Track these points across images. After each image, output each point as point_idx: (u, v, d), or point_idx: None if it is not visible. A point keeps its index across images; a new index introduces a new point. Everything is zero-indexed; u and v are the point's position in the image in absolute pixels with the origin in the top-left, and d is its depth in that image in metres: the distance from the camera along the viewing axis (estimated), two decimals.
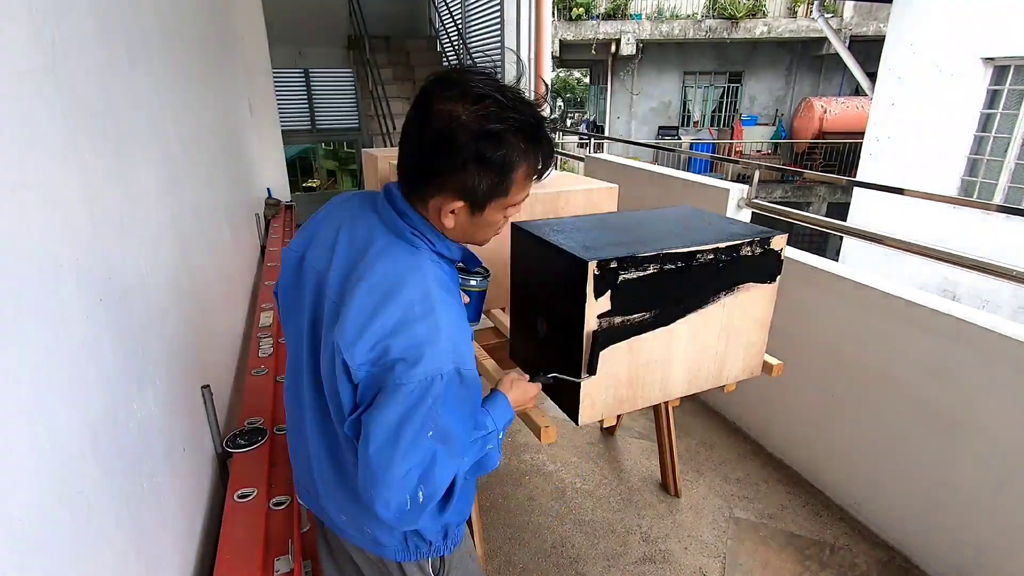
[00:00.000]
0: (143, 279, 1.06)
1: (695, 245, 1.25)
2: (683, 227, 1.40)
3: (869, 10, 11.55)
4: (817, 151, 12.51)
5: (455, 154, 0.76)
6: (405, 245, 0.83)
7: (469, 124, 0.75)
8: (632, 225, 1.40)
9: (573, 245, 1.21)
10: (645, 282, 1.21)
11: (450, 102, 0.76)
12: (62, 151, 0.77)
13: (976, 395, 1.71)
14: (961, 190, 5.98)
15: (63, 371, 0.70)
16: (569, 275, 1.18)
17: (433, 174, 0.79)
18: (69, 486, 0.68)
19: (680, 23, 12.72)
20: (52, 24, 0.78)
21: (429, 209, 0.83)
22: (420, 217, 0.84)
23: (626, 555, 2.00)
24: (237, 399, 1.74)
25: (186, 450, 1.19)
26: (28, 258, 0.65)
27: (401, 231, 0.83)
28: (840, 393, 2.15)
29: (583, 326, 1.17)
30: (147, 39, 1.35)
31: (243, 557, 1.05)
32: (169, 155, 1.41)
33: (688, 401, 2.90)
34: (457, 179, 0.78)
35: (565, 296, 1.21)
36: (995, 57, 5.53)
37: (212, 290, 1.72)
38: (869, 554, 1.99)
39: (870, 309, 1.99)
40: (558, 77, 17.34)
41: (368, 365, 0.75)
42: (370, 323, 0.75)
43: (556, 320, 1.27)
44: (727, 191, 2.66)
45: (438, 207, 0.82)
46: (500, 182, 0.80)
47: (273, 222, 3.74)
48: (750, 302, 1.40)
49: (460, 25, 7.05)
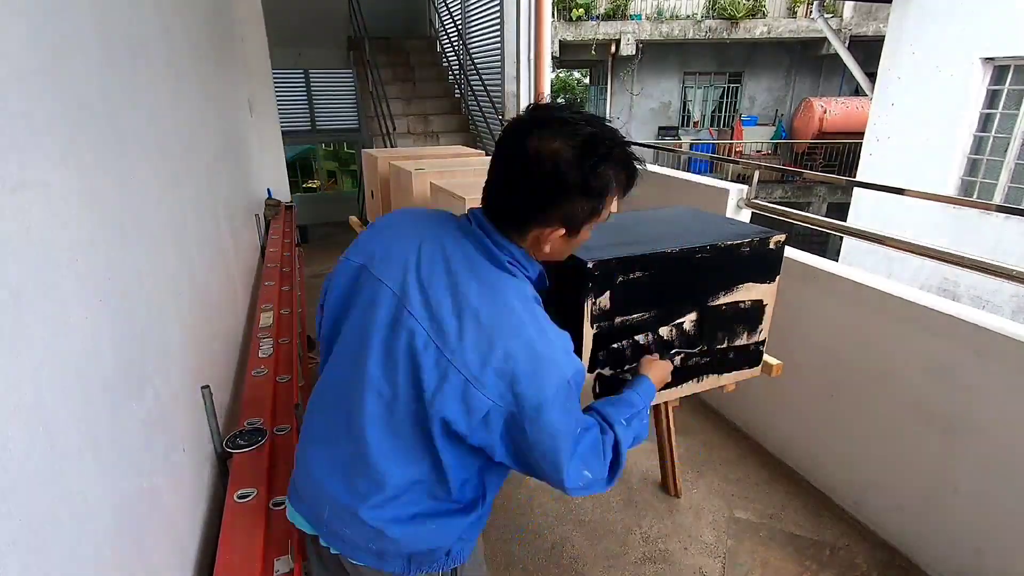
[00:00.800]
0: (143, 279, 1.06)
1: (694, 245, 1.25)
2: (682, 227, 1.40)
3: (869, 10, 11.55)
4: (817, 151, 12.51)
5: (562, 189, 0.83)
6: (505, 274, 0.89)
7: (574, 161, 0.81)
8: (631, 225, 1.40)
9: None
10: (644, 282, 1.21)
11: (549, 139, 0.82)
12: (62, 151, 0.77)
13: (976, 395, 1.71)
14: (961, 190, 5.98)
15: (62, 371, 0.70)
16: (568, 275, 1.18)
17: (539, 209, 0.86)
18: (68, 486, 0.68)
19: (680, 23, 12.72)
20: (51, 24, 0.79)
21: (527, 239, 0.89)
22: (515, 246, 0.90)
23: (626, 555, 2.00)
24: (237, 399, 1.74)
25: (186, 450, 1.19)
26: (27, 258, 0.65)
27: (500, 261, 0.89)
28: (840, 393, 2.15)
29: (583, 326, 1.17)
30: (147, 39, 1.35)
31: (243, 557, 1.05)
32: (169, 155, 1.41)
33: (688, 401, 2.90)
34: (561, 211, 0.85)
35: (565, 296, 1.21)
36: (995, 57, 5.53)
37: (212, 290, 1.72)
38: (869, 554, 1.99)
39: (870, 309, 2.00)
40: (558, 77, 17.34)
41: (498, 392, 0.82)
42: (491, 352, 0.81)
43: (556, 320, 1.27)
44: (727, 191, 2.66)
45: (537, 236, 0.88)
46: (598, 206, 0.87)
47: (273, 223, 3.74)
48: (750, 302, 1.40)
49: (460, 26, 7.05)
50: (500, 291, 0.86)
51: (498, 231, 0.89)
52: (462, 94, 7.10)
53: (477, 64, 6.61)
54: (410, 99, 6.90)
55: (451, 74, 7.39)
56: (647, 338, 1.29)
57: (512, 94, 5.86)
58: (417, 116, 6.67)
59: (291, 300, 2.28)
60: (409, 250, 0.90)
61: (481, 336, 0.82)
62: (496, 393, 0.81)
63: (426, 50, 7.93)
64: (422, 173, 2.12)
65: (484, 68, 6.46)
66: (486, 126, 6.18)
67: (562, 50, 12.91)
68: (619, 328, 1.23)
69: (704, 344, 1.39)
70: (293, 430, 1.45)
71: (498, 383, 0.81)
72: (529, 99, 5.67)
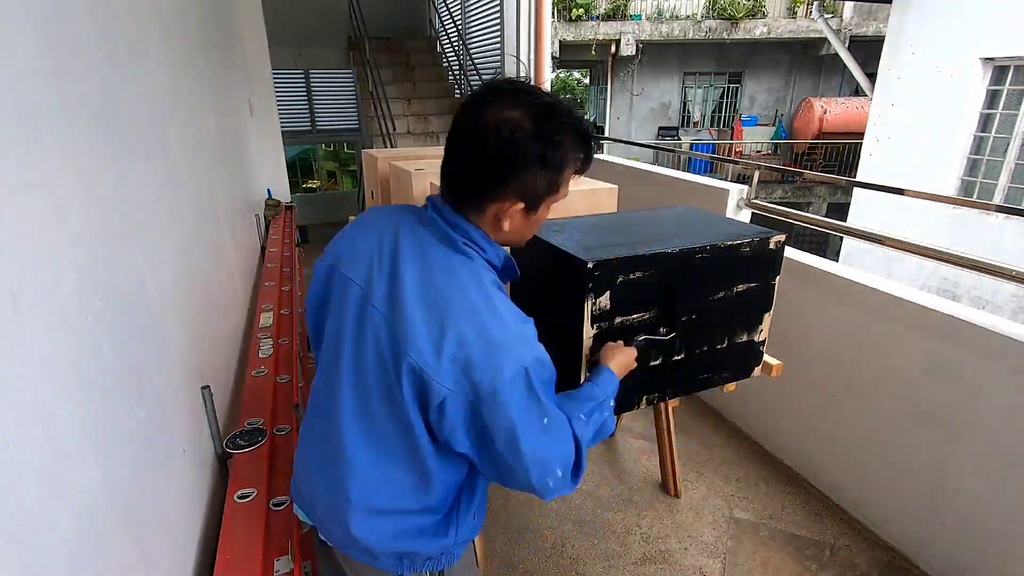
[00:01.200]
0: (143, 280, 1.06)
1: (694, 245, 1.25)
2: (682, 227, 1.40)
3: (869, 10, 11.55)
4: (817, 151, 12.51)
5: (519, 158, 0.81)
6: (460, 256, 0.86)
7: (532, 130, 0.80)
8: (631, 225, 1.40)
9: (573, 245, 1.21)
10: (645, 282, 1.21)
11: (508, 110, 0.81)
12: (62, 152, 0.77)
13: (976, 395, 1.71)
14: (961, 190, 5.98)
15: (63, 371, 0.70)
16: (568, 275, 1.18)
17: (497, 180, 0.84)
18: (69, 487, 0.68)
19: (680, 24, 12.72)
20: (53, 25, 0.79)
21: (486, 216, 0.87)
22: (472, 227, 0.88)
23: (626, 555, 2.00)
24: (237, 400, 1.74)
25: (186, 451, 1.19)
26: (28, 258, 0.65)
27: (454, 242, 0.86)
28: (840, 393, 2.15)
29: (583, 326, 1.17)
30: (147, 40, 1.35)
31: (243, 557, 1.05)
32: (169, 156, 1.41)
33: (688, 401, 2.90)
34: (519, 182, 0.84)
35: (565, 296, 1.21)
36: (995, 57, 5.53)
37: (212, 290, 1.72)
38: (869, 554, 1.99)
39: (869, 309, 2.00)
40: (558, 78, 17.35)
41: (453, 379, 0.79)
42: (443, 338, 0.79)
43: (556, 320, 1.27)
44: (727, 192, 2.66)
45: (496, 212, 0.86)
46: (555, 180, 0.86)
47: (273, 223, 3.74)
48: (750, 302, 1.40)
49: (460, 26, 7.05)
50: (454, 274, 0.84)
51: (455, 212, 0.87)
52: (462, 94, 7.09)
53: (477, 64, 6.61)
54: (410, 99, 6.90)
55: (451, 74, 7.39)
56: (646, 338, 1.29)
57: None
58: (417, 116, 6.67)
59: (291, 300, 2.28)
60: (372, 245, 0.89)
61: (433, 321, 0.80)
62: (451, 380, 0.78)
63: (426, 50, 7.93)
64: (422, 173, 2.12)
65: (484, 68, 6.46)
66: None
67: (562, 50, 12.91)
68: (619, 328, 1.23)
69: (704, 344, 1.39)
70: (293, 430, 1.45)
71: (452, 369, 0.78)
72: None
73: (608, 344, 1.17)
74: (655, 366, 1.33)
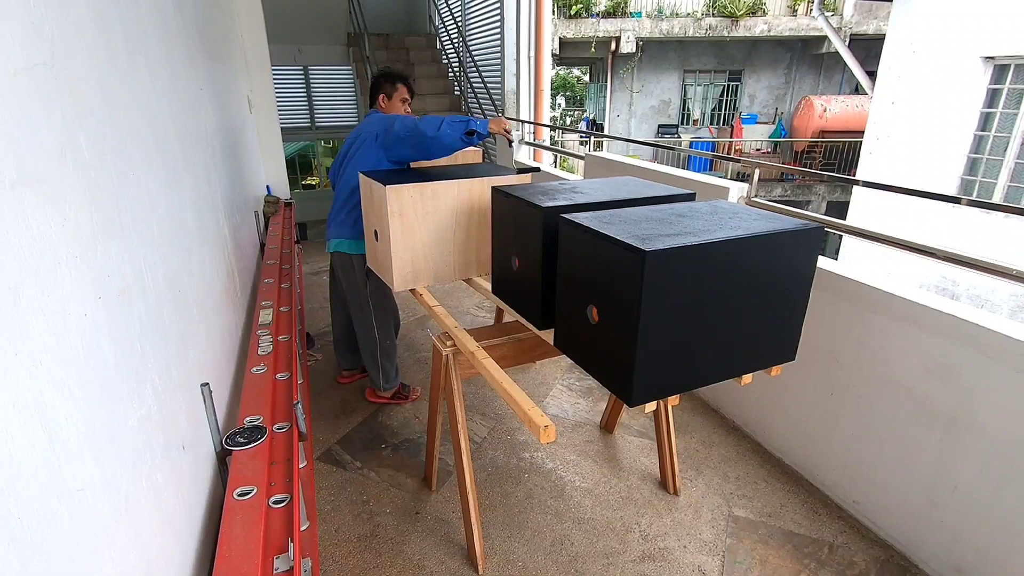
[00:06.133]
0: (142, 276, 1.06)
1: (743, 235, 1.28)
2: (725, 218, 1.43)
3: (869, 8, 11.55)
4: (817, 150, 12.52)
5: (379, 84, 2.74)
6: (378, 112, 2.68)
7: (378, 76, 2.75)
8: (674, 220, 1.43)
9: (628, 236, 1.23)
10: (696, 272, 1.24)
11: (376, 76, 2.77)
12: (60, 148, 0.77)
13: (976, 395, 1.72)
14: (961, 189, 5.99)
15: (61, 369, 0.70)
16: (624, 265, 1.20)
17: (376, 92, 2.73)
18: (67, 484, 0.68)
19: (680, 21, 12.71)
20: (51, 20, 0.78)
21: (379, 102, 2.71)
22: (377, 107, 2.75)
23: (625, 553, 2.00)
24: (236, 397, 1.74)
25: (185, 448, 1.18)
26: (26, 255, 0.64)
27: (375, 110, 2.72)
28: (839, 392, 2.15)
29: (639, 314, 1.18)
30: (146, 36, 1.34)
31: (242, 555, 1.05)
32: (168, 152, 1.41)
33: (687, 399, 2.90)
34: (382, 90, 2.72)
35: (618, 285, 1.23)
36: (995, 56, 5.53)
37: (211, 287, 1.71)
38: (867, 552, 1.99)
39: (869, 308, 2.00)
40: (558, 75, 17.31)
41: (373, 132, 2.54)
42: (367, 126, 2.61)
43: (608, 308, 1.29)
44: (727, 190, 2.66)
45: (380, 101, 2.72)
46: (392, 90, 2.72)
47: (272, 220, 3.73)
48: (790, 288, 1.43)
49: (460, 23, 7.04)
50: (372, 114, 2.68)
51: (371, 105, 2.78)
52: (462, 91, 7.08)
53: (477, 61, 6.60)
54: None
55: (451, 71, 7.37)
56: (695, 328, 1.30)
57: (512, 91, 5.85)
58: (416, 113, 6.65)
59: (290, 297, 2.28)
60: None
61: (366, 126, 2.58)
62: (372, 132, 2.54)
63: (426, 47, 7.91)
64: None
65: (484, 65, 6.44)
66: None
67: (562, 47, 12.90)
68: (672, 317, 1.25)
69: (744, 334, 1.40)
70: (292, 427, 1.45)
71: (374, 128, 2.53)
72: (529, 96, 5.65)
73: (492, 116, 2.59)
74: (702, 352, 1.34)
